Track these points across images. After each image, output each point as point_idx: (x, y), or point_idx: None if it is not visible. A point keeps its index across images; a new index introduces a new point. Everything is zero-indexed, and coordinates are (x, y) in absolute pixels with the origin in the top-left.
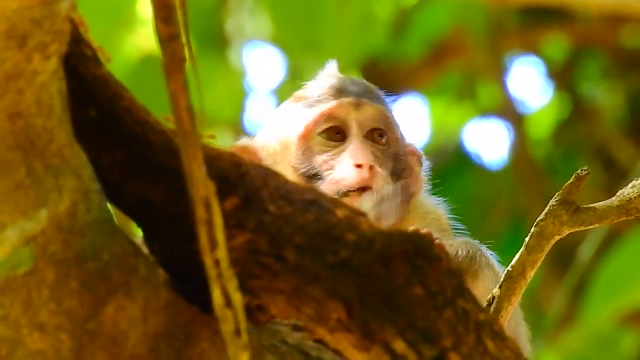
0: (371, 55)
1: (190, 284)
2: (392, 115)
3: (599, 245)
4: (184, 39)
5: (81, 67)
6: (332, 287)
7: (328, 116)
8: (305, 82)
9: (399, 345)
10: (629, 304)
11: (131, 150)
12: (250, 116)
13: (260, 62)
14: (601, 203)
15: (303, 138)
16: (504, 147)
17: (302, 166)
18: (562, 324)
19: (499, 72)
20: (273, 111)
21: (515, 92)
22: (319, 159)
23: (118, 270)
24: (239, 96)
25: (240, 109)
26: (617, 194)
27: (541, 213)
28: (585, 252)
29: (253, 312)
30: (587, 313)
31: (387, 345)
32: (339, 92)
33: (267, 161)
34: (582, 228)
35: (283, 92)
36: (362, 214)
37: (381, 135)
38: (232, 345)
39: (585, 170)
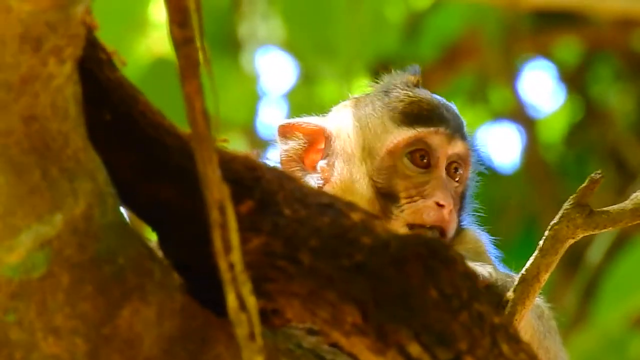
0: (384, 58)
1: (204, 288)
2: (472, 154)
3: (609, 247)
4: (198, 43)
5: (96, 71)
6: (347, 290)
7: (422, 141)
8: (397, 86)
9: (414, 349)
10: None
11: (146, 154)
12: (263, 120)
13: (273, 66)
14: (615, 206)
15: (391, 154)
16: (516, 150)
17: (382, 183)
18: (573, 326)
19: (512, 76)
20: (357, 100)
21: (527, 96)
22: (401, 184)
23: (133, 274)
24: (252, 100)
25: (253, 112)
26: (631, 197)
27: (555, 216)
28: (595, 254)
29: (268, 316)
30: (598, 315)
31: (402, 348)
32: (438, 118)
33: (339, 152)
34: (596, 231)
35: (295, 96)
36: (377, 217)
37: (457, 169)
38: (246, 350)
39: (599, 174)
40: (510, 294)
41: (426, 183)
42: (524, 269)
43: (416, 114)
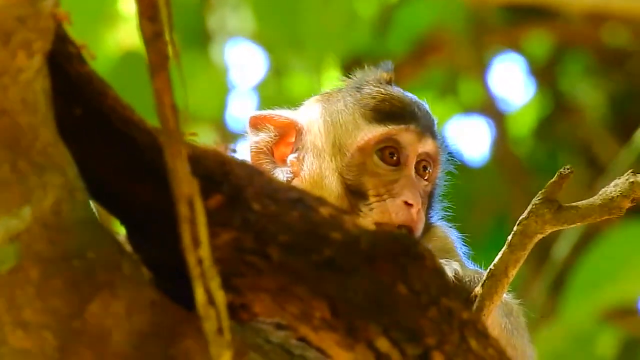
0: (354, 53)
1: (174, 283)
2: (442, 152)
3: (577, 241)
4: (168, 38)
5: (66, 65)
6: (316, 286)
7: (392, 138)
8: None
9: (383, 344)
10: (608, 301)
11: (115, 149)
12: (233, 113)
13: (243, 59)
14: (584, 202)
15: (361, 151)
16: (486, 144)
17: (351, 179)
18: (541, 321)
19: (482, 70)
20: (329, 95)
21: (497, 89)
22: (370, 181)
23: (103, 268)
24: (221, 93)
25: (222, 105)
26: (600, 192)
27: (524, 211)
28: (562, 248)
29: (237, 311)
30: (566, 310)
31: (371, 343)
32: (409, 116)
33: (309, 147)
34: (565, 227)
35: (265, 89)
36: (347, 213)
37: (426, 167)
38: (214, 344)
39: (568, 169)
40: (478, 289)
41: (395, 182)
42: (492, 265)
43: (387, 111)
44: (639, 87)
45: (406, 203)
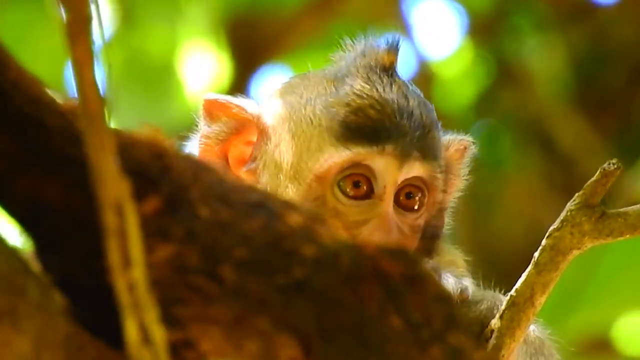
0: (239, 7)
1: (95, 313)
2: (440, 171)
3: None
4: None
5: None
6: (283, 316)
7: (361, 165)
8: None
9: None
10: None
11: (20, 136)
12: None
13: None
14: (635, 207)
15: (320, 181)
16: None
17: None
18: None
19: (402, 23)
20: (305, 85)
21: (423, 50)
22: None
23: (2, 293)
24: (62, 51)
25: (63, 66)
26: None
27: (555, 220)
28: None
29: (179, 350)
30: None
31: None
32: (388, 132)
33: (269, 160)
34: (610, 240)
35: (115, 45)
36: (322, 221)
37: (411, 195)
38: None
39: (614, 164)
40: (496, 322)
41: (363, 223)
42: (513, 290)
43: (357, 126)
44: (611, 47)
45: None
